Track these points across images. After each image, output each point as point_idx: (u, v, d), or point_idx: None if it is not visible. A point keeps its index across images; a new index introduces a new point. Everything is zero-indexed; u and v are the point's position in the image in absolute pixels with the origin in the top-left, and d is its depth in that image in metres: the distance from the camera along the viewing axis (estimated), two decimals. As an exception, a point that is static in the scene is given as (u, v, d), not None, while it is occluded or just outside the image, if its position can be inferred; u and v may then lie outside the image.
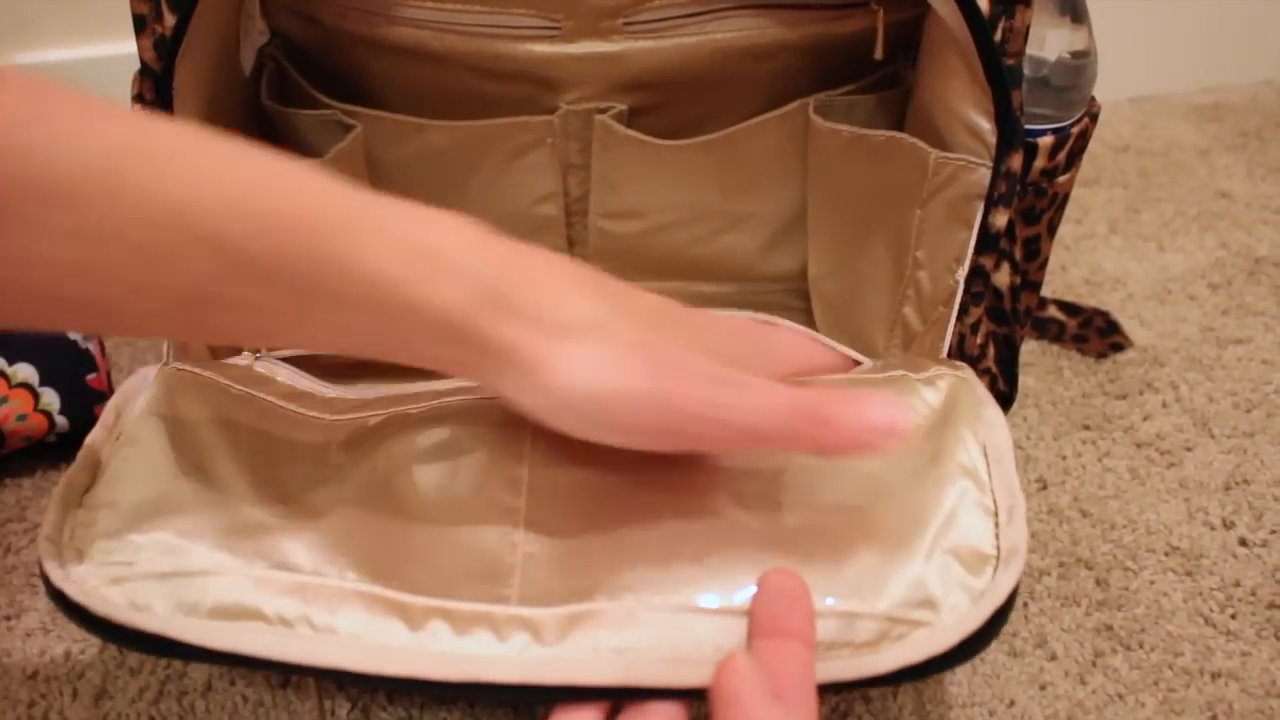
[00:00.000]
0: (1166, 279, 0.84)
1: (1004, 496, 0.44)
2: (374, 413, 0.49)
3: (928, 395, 0.49)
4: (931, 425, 0.47)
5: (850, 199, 0.61)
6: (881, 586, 0.42)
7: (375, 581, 0.42)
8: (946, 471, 0.45)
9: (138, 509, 0.43)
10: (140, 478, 0.45)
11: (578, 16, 0.59)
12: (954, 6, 0.50)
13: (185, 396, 0.49)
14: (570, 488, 0.45)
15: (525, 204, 0.66)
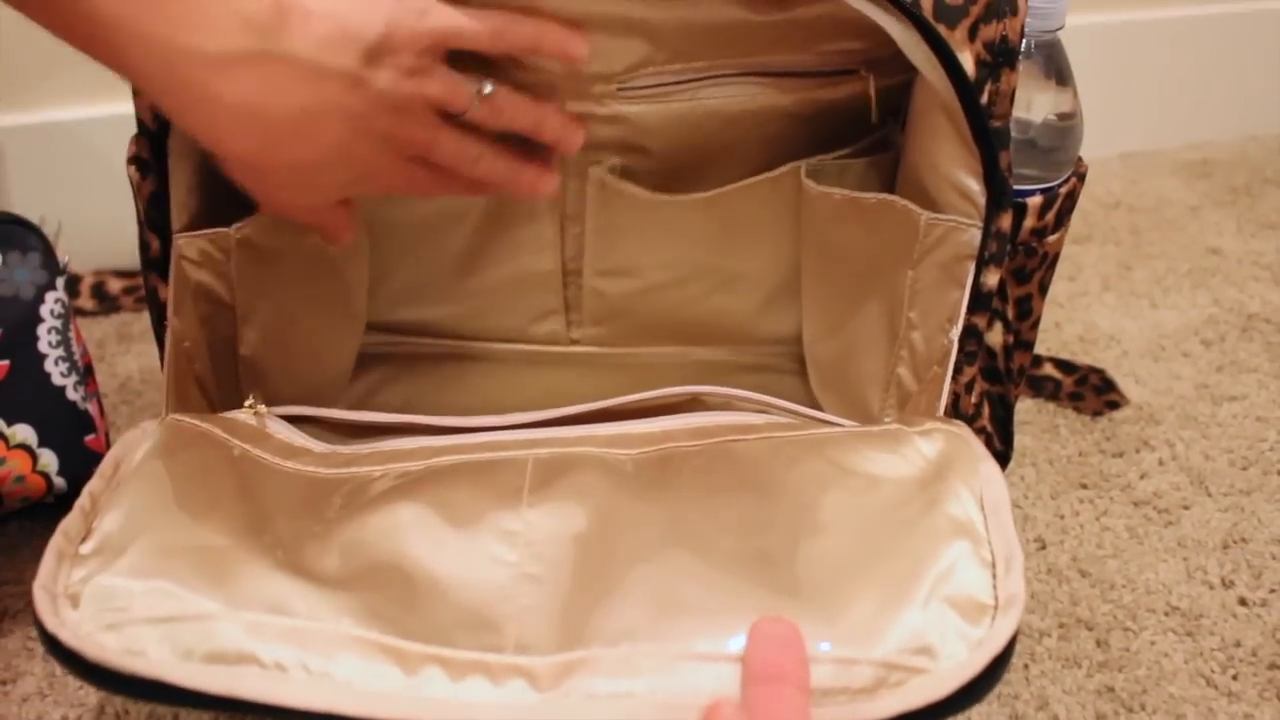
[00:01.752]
0: (1160, 336, 0.84)
1: (1001, 548, 0.44)
2: (370, 468, 0.50)
3: (922, 447, 0.49)
4: (926, 476, 0.47)
5: (843, 261, 0.62)
6: (879, 633, 0.42)
7: (371, 628, 0.42)
8: (941, 523, 0.45)
9: (133, 556, 0.43)
10: (136, 526, 0.45)
11: (569, 82, 0.60)
12: (941, 72, 0.51)
13: (184, 448, 0.49)
14: (565, 540, 0.46)
15: (523, 258, 0.66)
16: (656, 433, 0.51)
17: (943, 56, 0.51)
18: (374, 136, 0.50)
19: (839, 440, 0.50)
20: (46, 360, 0.63)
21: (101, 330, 0.82)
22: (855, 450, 0.49)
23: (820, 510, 0.46)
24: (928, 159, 0.56)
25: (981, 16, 0.51)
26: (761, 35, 0.58)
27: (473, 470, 0.49)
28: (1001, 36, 0.52)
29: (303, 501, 0.48)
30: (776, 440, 0.50)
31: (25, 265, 0.62)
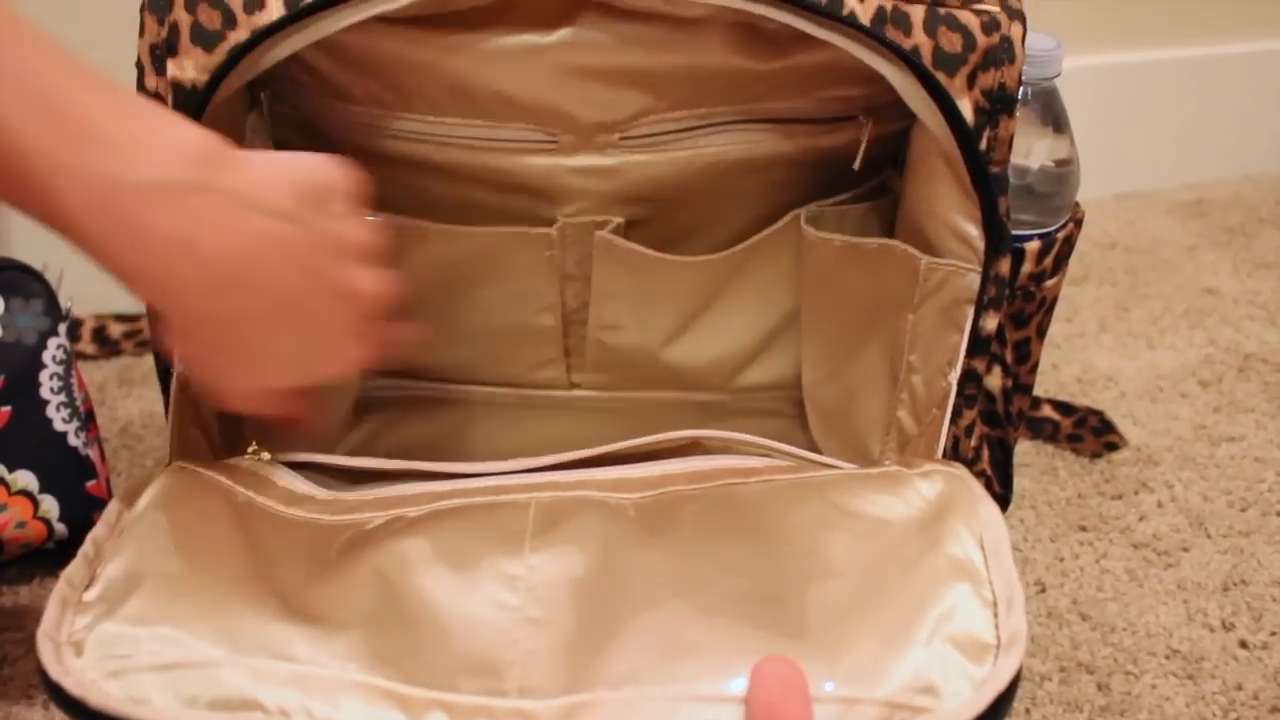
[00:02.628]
0: (1157, 377, 0.85)
1: (1002, 587, 0.44)
2: (372, 514, 0.50)
3: (922, 488, 0.49)
4: (926, 518, 0.47)
5: (843, 306, 0.62)
6: (882, 672, 0.42)
7: (375, 673, 0.42)
8: (942, 563, 0.45)
9: (136, 603, 0.43)
10: (140, 573, 0.45)
11: (574, 131, 0.60)
12: (940, 119, 0.52)
13: (188, 495, 0.49)
14: (567, 584, 0.46)
15: (524, 314, 0.67)
16: (656, 476, 0.52)
17: (942, 104, 0.52)
18: (324, 287, 0.47)
19: (838, 482, 0.50)
20: (48, 406, 0.63)
21: (102, 374, 0.82)
22: (855, 492, 0.49)
23: (821, 553, 0.46)
24: (927, 204, 0.56)
25: (980, 64, 0.52)
26: (761, 82, 0.59)
27: (474, 514, 0.49)
28: (999, 84, 0.52)
29: (306, 548, 0.48)
30: (776, 483, 0.50)
31: (28, 312, 0.63)
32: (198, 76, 0.52)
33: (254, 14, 0.52)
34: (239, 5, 0.52)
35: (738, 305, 0.67)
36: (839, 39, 0.52)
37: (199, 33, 0.52)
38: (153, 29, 0.52)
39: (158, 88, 0.52)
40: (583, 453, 0.54)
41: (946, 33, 0.52)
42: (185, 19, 0.52)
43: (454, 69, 0.57)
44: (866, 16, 0.52)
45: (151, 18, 0.52)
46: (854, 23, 0.51)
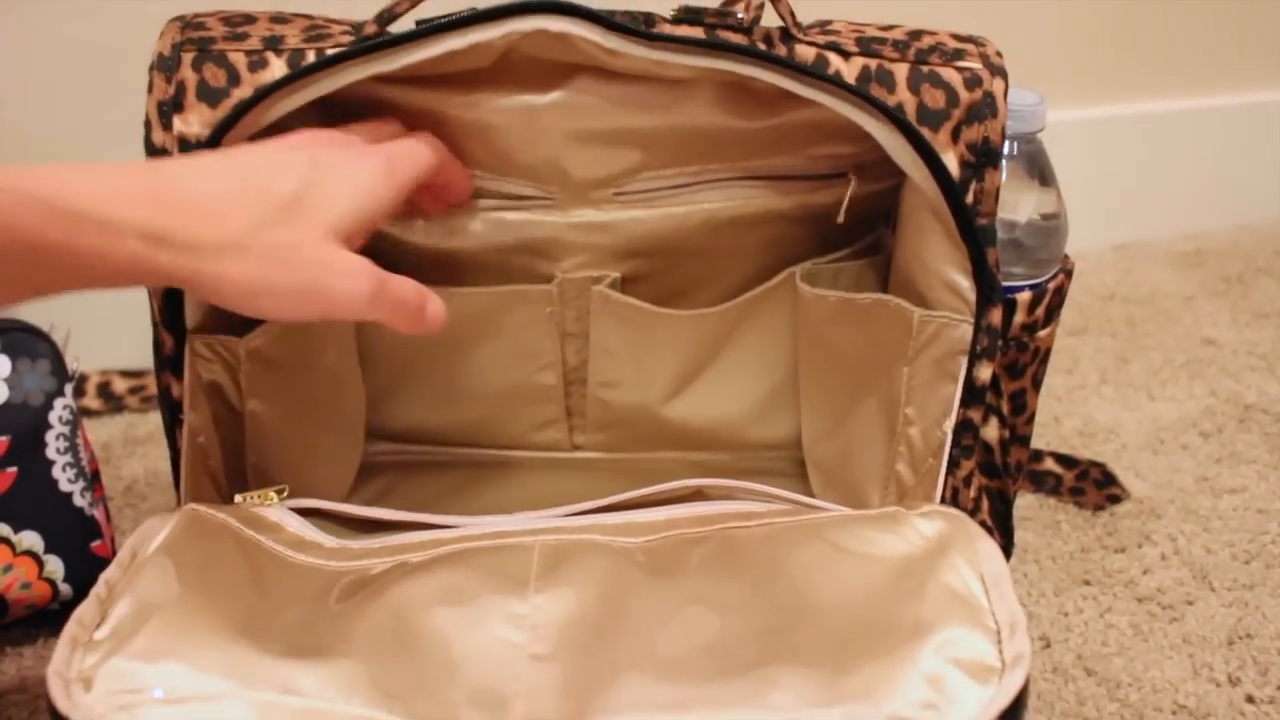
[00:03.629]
0: (1159, 429, 0.85)
1: (1004, 616, 0.45)
2: (378, 560, 0.50)
3: (921, 526, 0.49)
4: (925, 553, 0.48)
5: (840, 362, 0.63)
6: (887, 691, 0.42)
7: (379, 707, 0.43)
8: (942, 595, 0.46)
9: (145, 639, 0.44)
10: (149, 611, 0.45)
11: (570, 188, 0.61)
12: (927, 173, 0.53)
13: (199, 537, 0.50)
14: (572, 622, 0.46)
15: (525, 373, 0.67)
16: (660, 521, 0.52)
17: (927, 158, 0.53)
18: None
19: (838, 523, 0.51)
20: (54, 467, 0.63)
21: (107, 432, 0.83)
22: (854, 532, 0.50)
23: (822, 588, 0.47)
24: (918, 258, 0.57)
25: (963, 119, 0.54)
26: (752, 140, 0.60)
27: (478, 557, 0.50)
28: (984, 138, 0.54)
29: (313, 590, 0.49)
30: (777, 526, 0.51)
31: (34, 372, 0.63)
32: (202, 132, 0.54)
33: (257, 73, 0.54)
34: (243, 65, 0.54)
35: (737, 363, 0.67)
36: (825, 98, 0.53)
37: (204, 90, 0.54)
38: (161, 87, 0.54)
39: (164, 143, 0.54)
40: (587, 504, 0.55)
41: (930, 89, 0.54)
42: (192, 77, 0.54)
43: (450, 127, 0.58)
44: (852, 75, 0.54)
45: (160, 76, 0.54)
46: (839, 81, 0.53)
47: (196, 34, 0.55)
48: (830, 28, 0.56)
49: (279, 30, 0.55)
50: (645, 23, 0.54)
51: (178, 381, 0.57)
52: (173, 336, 0.57)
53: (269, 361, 0.59)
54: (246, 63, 0.54)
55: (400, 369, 0.68)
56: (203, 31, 0.55)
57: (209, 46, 0.54)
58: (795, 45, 0.55)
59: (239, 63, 0.54)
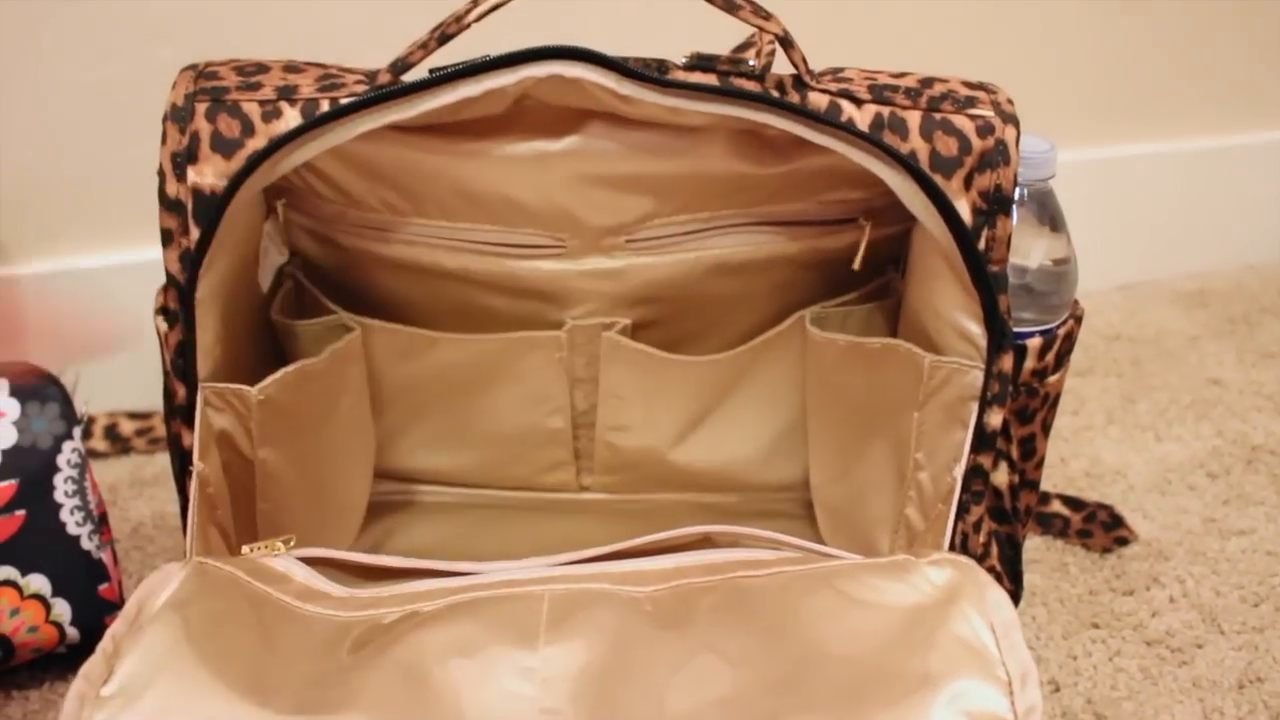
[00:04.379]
0: (1166, 469, 0.85)
1: (1015, 666, 0.45)
2: (387, 610, 0.50)
3: (931, 574, 0.49)
4: (936, 602, 0.48)
5: (849, 405, 0.63)
6: None
7: None
8: (953, 646, 0.46)
9: (153, 697, 0.44)
10: (157, 668, 0.45)
11: (581, 235, 0.61)
12: (939, 220, 0.53)
13: (206, 591, 0.50)
14: (582, 675, 0.46)
15: (534, 417, 0.67)
16: (669, 569, 0.52)
17: (941, 205, 0.53)
18: None
19: (847, 571, 0.50)
20: (62, 510, 0.63)
21: (114, 474, 0.83)
22: (863, 581, 0.49)
23: (832, 639, 0.47)
24: (929, 304, 0.57)
25: (976, 166, 0.54)
26: (764, 187, 0.60)
27: (488, 607, 0.49)
28: (996, 185, 0.54)
29: (322, 643, 0.49)
30: (786, 575, 0.51)
31: (44, 416, 0.63)
32: (216, 182, 0.54)
33: (271, 122, 0.54)
34: (257, 114, 0.54)
35: (745, 406, 0.67)
36: (838, 144, 0.53)
37: (219, 141, 0.53)
38: (174, 138, 0.54)
39: (178, 194, 0.54)
40: (595, 550, 0.55)
41: (942, 137, 0.54)
42: (206, 128, 0.54)
43: (464, 174, 0.59)
44: (864, 122, 0.54)
45: (174, 127, 0.54)
46: (853, 129, 0.53)
47: (210, 83, 0.55)
48: (843, 75, 0.57)
49: (292, 79, 0.55)
50: (659, 69, 0.55)
51: (189, 431, 0.57)
52: (185, 386, 0.56)
53: (281, 410, 0.59)
54: (260, 112, 0.54)
55: (410, 410, 0.68)
56: (216, 81, 0.55)
57: (223, 96, 0.54)
58: (808, 92, 0.55)
59: (253, 113, 0.54)
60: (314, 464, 0.63)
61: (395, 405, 0.68)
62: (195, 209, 0.54)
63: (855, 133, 0.53)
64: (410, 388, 0.67)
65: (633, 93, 0.53)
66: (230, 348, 0.58)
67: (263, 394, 0.58)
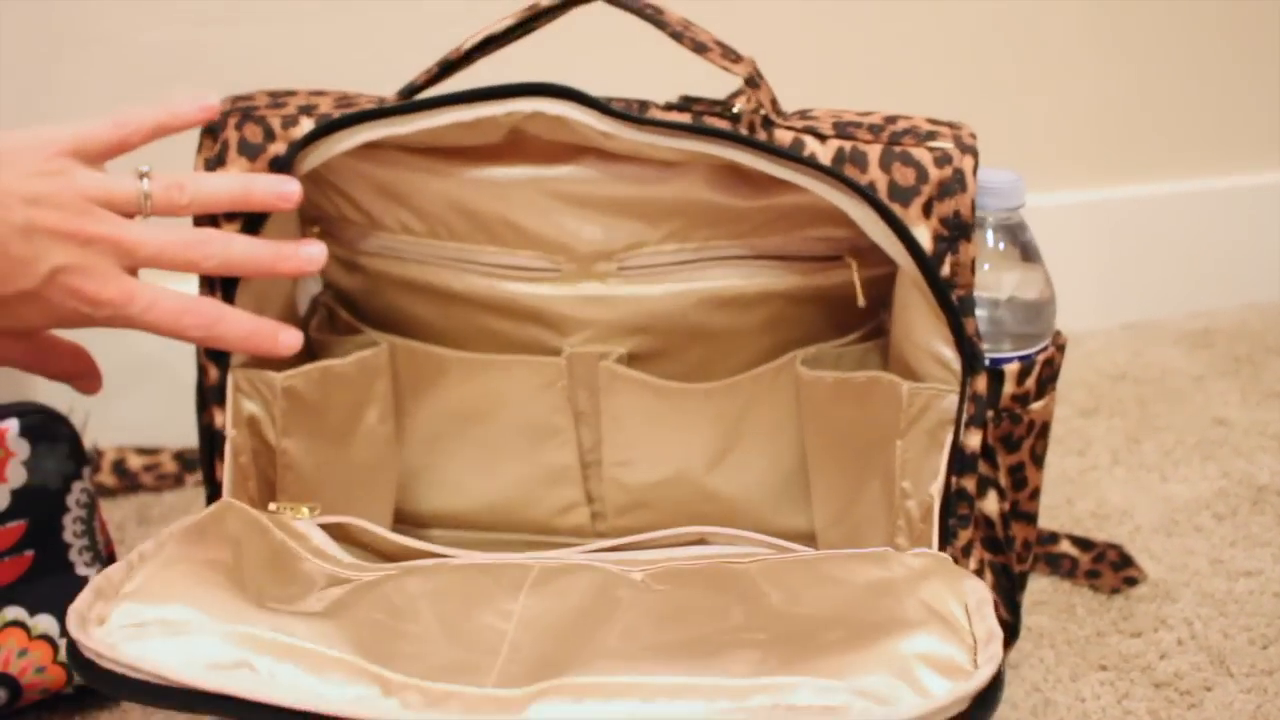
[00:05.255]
0: (1172, 510, 0.85)
1: (982, 632, 0.47)
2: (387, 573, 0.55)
3: (909, 561, 0.53)
4: (910, 577, 0.51)
5: (842, 443, 0.64)
6: (858, 672, 0.45)
7: (360, 657, 0.47)
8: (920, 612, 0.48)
9: (159, 591, 0.49)
10: (168, 572, 0.51)
11: (576, 259, 0.64)
12: (901, 247, 0.56)
13: (229, 522, 0.55)
14: (559, 613, 0.51)
15: (543, 452, 0.68)
16: (660, 559, 0.56)
17: (898, 232, 0.56)
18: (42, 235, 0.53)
19: (830, 558, 0.55)
20: (70, 550, 0.64)
21: (122, 512, 0.83)
22: (842, 564, 0.53)
23: (806, 601, 0.51)
24: (907, 333, 0.59)
25: (935, 195, 0.57)
26: (746, 219, 0.63)
27: (483, 570, 0.54)
28: (955, 212, 0.56)
29: (325, 582, 0.54)
30: (771, 561, 0.55)
31: (53, 456, 0.64)
32: None
33: (290, 129, 0.60)
34: (278, 124, 0.60)
35: (751, 447, 0.68)
36: (801, 178, 0.57)
37: (244, 146, 0.60)
38: (208, 146, 0.61)
39: None
40: (594, 545, 0.59)
41: (900, 168, 0.57)
42: (234, 136, 0.61)
43: (466, 194, 0.63)
44: (827, 156, 0.58)
45: (208, 138, 0.61)
46: (812, 162, 0.56)
47: (244, 104, 0.62)
48: (810, 114, 0.60)
49: (314, 100, 0.62)
50: (639, 108, 0.59)
51: (220, 410, 0.61)
52: (217, 367, 0.61)
53: (304, 401, 0.63)
54: (281, 123, 0.60)
55: (426, 447, 0.70)
56: (249, 102, 0.62)
57: (252, 112, 0.61)
58: (775, 130, 0.58)
59: (274, 123, 0.60)
60: (337, 471, 0.65)
61: (413, 441, 0.69)
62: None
63: (816, 166, 0.56)
64: (425, 422, 0.69)
65: (612, 129, 0.57)
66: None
67: (288, 382, 0.62)
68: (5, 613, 0.62)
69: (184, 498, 0.86)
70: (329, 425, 0.64)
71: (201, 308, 0.58)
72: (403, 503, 0.71)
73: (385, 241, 0.66)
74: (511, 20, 0.61)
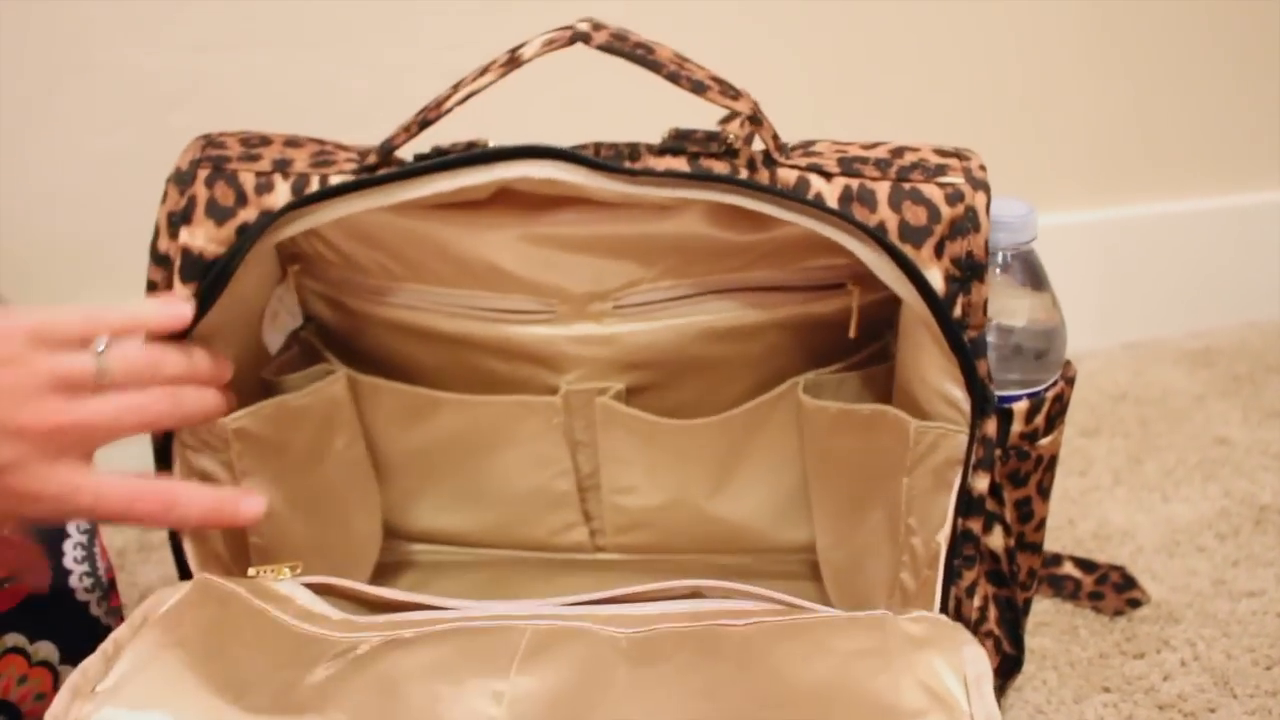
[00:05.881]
0: (1174, 530, 0.84)
1: (982, 715, 0.46)
2: (379, 634, 0.52)
3: (907, 627, 0.50)
4: (907, 649, 0.49)
5: (844, 471, 0.63)
6: None
7: None
8: (919, 691, 0.47)
9: (137, 689, 0.47)
10: (149, 669, 0.48)
11: (570, 301, 0.63)
12: (912, 289, 0.54)
13: (208, 603, 0.52)
14: (550, 698, 0.48)
15: (540, 480, 0.68)
16: (653, 614, 0.53)
17: (911, 275, 0.53)
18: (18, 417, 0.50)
19: (824, 622, 0.51)
20: (71, 576, 0.64)
21: (123, 539, 0.83)
22: (837, 630, 0.51)
23: (800, 680, 0.48)
24: (915, 370, 0.58)
25: (946, 234, 0.54)
26: (744, 254, 0.61)
27: (471, 635, 0.52)
28: (967, 252, 0.54)
29: (309, 657, 0.51)
30: (765, 624, 0.52)
31: (55, 482, 0.63)
32: (205, 245, 0.56)
33: (263, 195, 0.56)
34: (251, 186, 0.56)
35: (752, 469, 0.67)
36: (808, 220, 0.54)
37: (213, 207, 0.56)
38: (174, 198, 0.57)
39: (168, 250, 0.57)
40: (586, 596, 0.56)
41: (911, 206, 0.54)
42: (203, 193, 0.56)
43: (453, 242, 0.61)
44: (833, 196, 0.55)
45: (174, 188, 0.57)
46: (819, 205, 0.54)
47: (215, 152, 0.58)
48: (813, 149, 0.57)
49: (289, 154, 0.58)
50: (630, 154, 0.56)
51: (167, 473, 0.58)
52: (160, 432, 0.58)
53: (264, 444, 0.60)
54: (254, 184, 0.56)
55: (422, 473, 0.69)
56: (221, 150, 0.58)
57: (223, 165, 0.57)
58: (777, 168, 0.56)
59: (247, 184, 0.56)
60: (312, 504, 0.64)
61: (408, 469, 0.69)
62: (183, 266, 0.56)
63: (823, 208, 0.53)
64: (419, 451, 0.68)
65: (603, 184, 0.54)
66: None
67: (236, 424, 0.59)
68: (5, 639, 0.62)
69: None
70: (292, 459, 0.62)
71: (154, 492, 0.54)
72: (396, 520, 0.70)
73: (370, 284, 0.64)
74: (493, 75, 0.56)
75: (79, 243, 0.85)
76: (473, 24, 0.86)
